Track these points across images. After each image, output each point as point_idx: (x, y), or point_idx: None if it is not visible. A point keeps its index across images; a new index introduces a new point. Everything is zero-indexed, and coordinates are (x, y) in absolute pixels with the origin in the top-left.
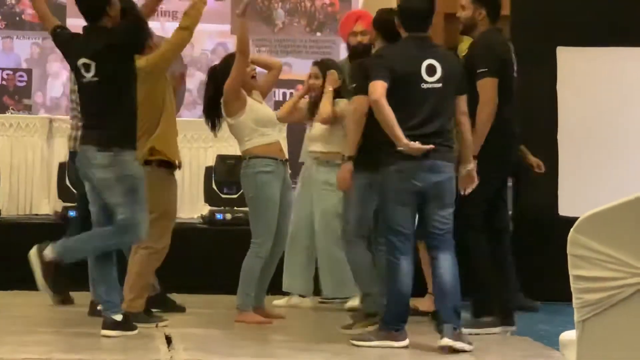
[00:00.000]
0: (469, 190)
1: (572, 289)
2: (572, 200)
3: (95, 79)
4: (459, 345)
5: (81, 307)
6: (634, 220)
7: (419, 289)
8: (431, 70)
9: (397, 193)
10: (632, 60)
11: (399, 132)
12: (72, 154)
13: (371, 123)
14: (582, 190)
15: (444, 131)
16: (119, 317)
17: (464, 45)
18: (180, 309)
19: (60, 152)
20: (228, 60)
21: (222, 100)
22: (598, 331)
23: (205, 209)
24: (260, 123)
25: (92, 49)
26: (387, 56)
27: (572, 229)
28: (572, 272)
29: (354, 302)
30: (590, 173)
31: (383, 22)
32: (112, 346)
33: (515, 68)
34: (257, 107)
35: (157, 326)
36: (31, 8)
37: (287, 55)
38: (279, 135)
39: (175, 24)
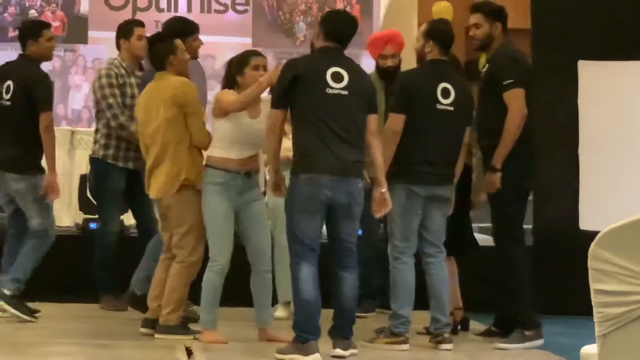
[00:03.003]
0: (381, 214)
1: (592, 303)
2: (593, 214)
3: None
4: (348, 352)
5: (106, 318)
6: None
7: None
8: (338, 77)
9: (305, 202)
10: None
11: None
12: (94, 160)
13: (404, 137)
14: (603, 204)
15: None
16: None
17: (483, 59)
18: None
19: (82, 164)
20: (244, 56)
21: (214, 98)
22: (619, 345)
23: None
24: (233, 138)
25: None
26: None
27: (593, 243)
28: (593, 286)
29: (280, 312)
30: (612, 187)
31: (439, 32)
32: (132, 358)
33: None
34: (241, 122)
35: (194, 338)
36: (53, 20)
37: None
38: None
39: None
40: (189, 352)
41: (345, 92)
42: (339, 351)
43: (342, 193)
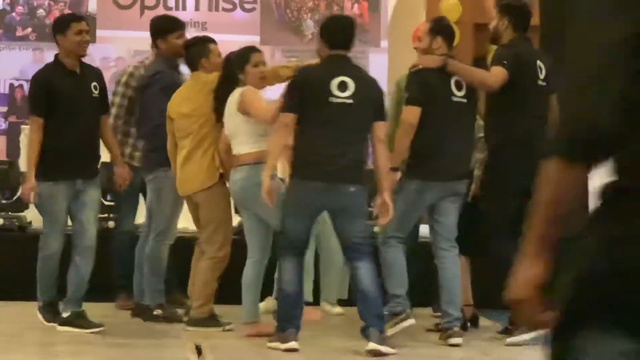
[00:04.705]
0: (384, 222)
1: None
2: None
3: None
4: (383, 348)
5: (119, 318)
6: None
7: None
8: (343, 86)
9: (296, 206)
10: None
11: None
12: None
13: (421, 131)
14: None
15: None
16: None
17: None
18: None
19: None
20: (244, 53)
21: (242, 100)
22: None
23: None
24: (262, 132)
25: None
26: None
27: None
28: None
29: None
30: None
31: (446, 28)
32: (143, 357)
33: (541, 77)
34: None
35: (224, 330)
36: None
37: None
38: None
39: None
40: (199, 351)
41: (350, 101)
42: (372, 344)
43: (333, 200)
